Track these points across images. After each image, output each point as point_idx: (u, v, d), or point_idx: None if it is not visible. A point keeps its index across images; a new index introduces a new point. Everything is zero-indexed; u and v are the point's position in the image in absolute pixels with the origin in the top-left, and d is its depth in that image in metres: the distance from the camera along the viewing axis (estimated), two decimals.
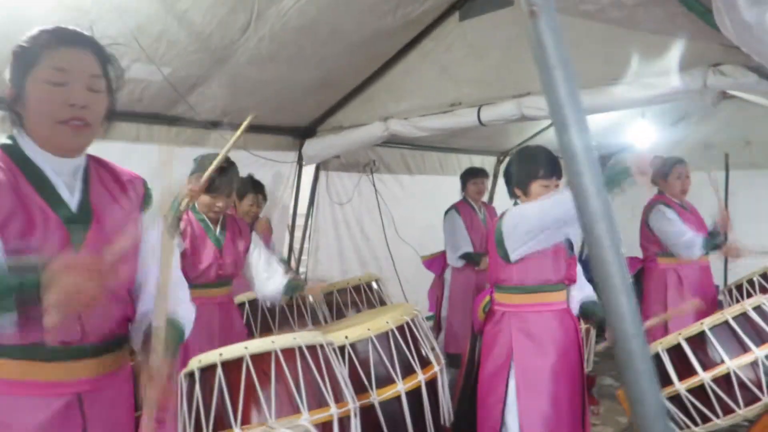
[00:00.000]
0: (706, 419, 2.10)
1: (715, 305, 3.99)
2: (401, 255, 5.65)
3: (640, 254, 4.22)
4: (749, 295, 3.78)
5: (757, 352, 2.07)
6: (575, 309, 2.75)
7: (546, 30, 0.82)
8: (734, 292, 3.89)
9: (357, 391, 2.56)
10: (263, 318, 3.63)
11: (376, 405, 2.55)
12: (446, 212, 4.90)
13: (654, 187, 4.19)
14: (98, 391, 1.42)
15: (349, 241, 5.50)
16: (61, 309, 1.15)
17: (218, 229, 2.96)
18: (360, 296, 4.08)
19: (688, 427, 2.13)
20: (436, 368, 2.71)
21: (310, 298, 3.15)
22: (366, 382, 2.56)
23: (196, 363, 2.18)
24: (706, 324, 2.12)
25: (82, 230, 1.40)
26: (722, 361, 2.06)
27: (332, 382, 2.21)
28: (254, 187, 4.26)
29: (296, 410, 2.08)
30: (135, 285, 1.54)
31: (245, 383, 2.09)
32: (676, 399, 2.14)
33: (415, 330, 2.71)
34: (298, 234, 5.23)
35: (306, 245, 5.29)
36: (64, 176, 1.43)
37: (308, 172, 5.14)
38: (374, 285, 4.18)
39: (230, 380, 2.11)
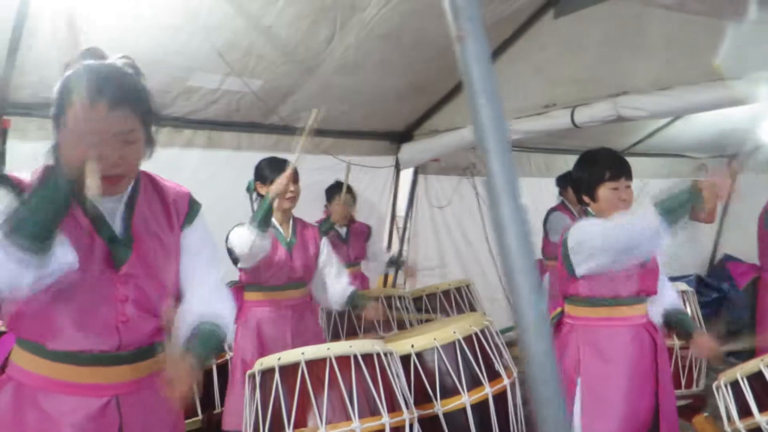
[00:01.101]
0: None
1: None
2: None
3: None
4: None
5: None
6: (658, 319, 2.58)
7: (472, 55, 0.79)
8: None
9: (421, 401, 2.56)
10: (350, 321, 3.70)
11: (440, 416, 2.53)
12: (547, 215, 4.73)
13: None
14: (135, 393, 1.53)
15: (450, 245, 5.47)
16: None
17: (289, 234, 3.06)
18: (449, 301, 4.06)
19: None
20: (506, 381, 2.63)
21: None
22: (430, 392, 2.54)
23: (258, 366, 2.28)
24: (765, 362, 1.88)
25: (124, 252, 1.49)
26: None
27: (387, 391, 2.22)
28: (339, 188, 4.36)
29: (347, 417, 2.12)
30: (179, 292, 1.63)
31: (299, 388, 2.15)
32: (756, 431, 1.92)
33: (483, 341, 2.65)
34: (396, 238, 5.27)
35: (405, 249, 5.32)
36: (107, 203, 1.50)
37: (406, 176, 5.17)
38: (465, 290, 4.14)
39: (287, 384, 2.18)
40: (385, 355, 2.30)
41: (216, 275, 1.67)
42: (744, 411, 1.94)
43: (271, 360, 2.23)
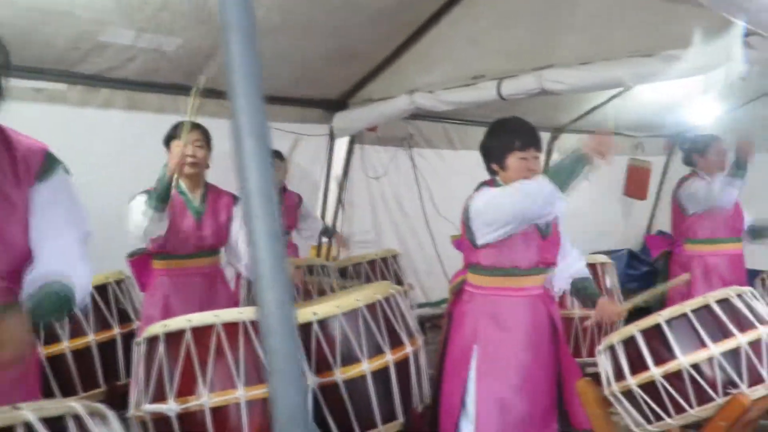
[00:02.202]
0: (658, 417, 1.92)
1: None
2: (442, 231, 5.53)
3: None
4: None
5: (713, 349, 1.86)
6: (564, 286, 2.60)
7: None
8: (767, 281, 3.56)
9: (323, 369, 2.54)
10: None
11: (340, 384, 2.51)
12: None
13: None
14: None
15: (386, 217, 5.44)
16: None
17: (198, 201, 2.98)
18: (375, 272, 4.05)
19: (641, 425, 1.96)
20: (409, 349, 2.63)
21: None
22: (331, 360, 2.52)
23: (144, 334, 2.22)
24: (663, 316, 1.93)
25: None
26: (675, 357, 1.88)
27: None
28: (273, 154, 4.28)
29: (233, 386, 2.08)
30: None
31: (184, 357, 2.11)
32: (628, 394, 1.97)
33: (388, 309, 2.63)
34: (330, 208, 5.21)
35: (340, 219, 5.27)
36: None
37: (342, 146, 5.10)
38: (391, 261, 4.13)
39: (172, 352, 2.13)
40: None
41: (74, 236, 1.59)
42: (620, 374, 1.97)
43: (157, 328, 2.17)
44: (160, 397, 2.08)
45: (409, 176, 5.41)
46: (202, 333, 2.13)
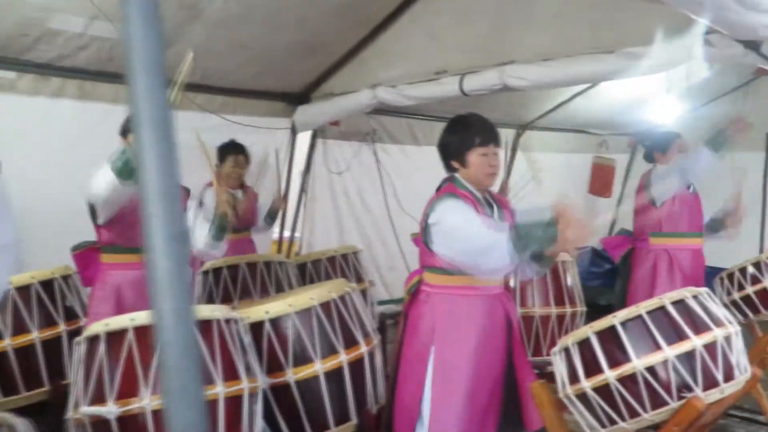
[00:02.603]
0: (612, 421, 1.89)
1: None
2: (404, 227, 5.49)
3: None
4: (740, 286, 3.49)
5: (668, 352, 1.84)
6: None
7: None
8: (725, 281, 3.59)
9: (275, 369, 2.48)
10: (225, 287, 3.57)
11: (292, 384, 2.46)
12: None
13: None
14: None
15: (349, 212, 5.38)
16: None
17: None
18: (335, 268, 3.98)
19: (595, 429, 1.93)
20: (364, 349, 2.58)
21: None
22: (282, 360, 2.46)
23: (85, 333, 2.13)
24: (618, 318, 1.91)
25: None
26: (630, 359, 1.85)
27: (225, 359, 2.12)
28: (233, 147, 4.19)
29: None
30: None
31: (126, 357, 2.03)
32: (582, 397, 1.94)
33: (342, 308, 2.58)
34: (293, 203, 5.12)
35: (301, 214, 5.20)
36: None
37: (304, 140, 5.02)
38: (352, 258, 4.07)
39: (113, 352, 2.05)
40: (227, 321, 2.19)
41: None
42: (574, 377, 1.94)
43: (98, 327, 2.09)
44: (99, 399, 2.00)
45: (372, 172, 5.36)
46: (145, 332, 2.05)
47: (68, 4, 3.05)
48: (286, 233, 5.26)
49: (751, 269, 3.50)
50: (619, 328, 1.88)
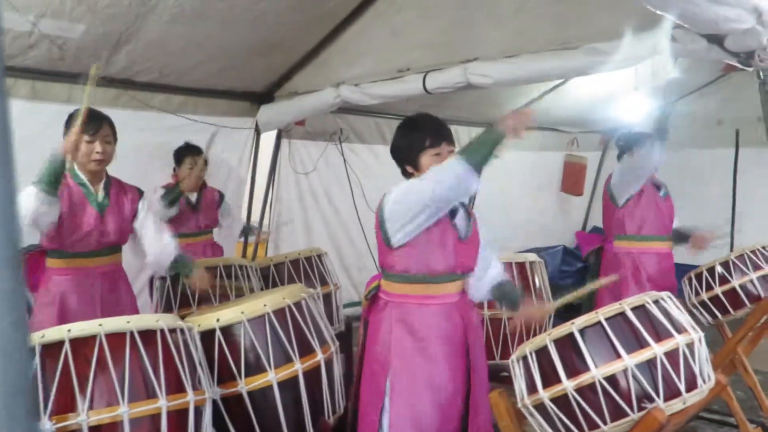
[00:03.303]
0: None
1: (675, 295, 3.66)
2: (373, 227, 5.40)
3: None
4: (708, 286, 3.44)
5: (627, 361, 1.77)
6: (485, 293, 2.49)
7: None
8: (694, 281, 3.54)
9: (227, 379, 2.38)
10: (183, 293, 3.45)
11: (244, 395, 2.35)
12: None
13: None
14: None
15: (316, 212, 5.29)
16: None
17: (100, 194, 2.78)
18: (298, 271, 3.88)
19: None
20: (320, 357, 2.49)
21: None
22: (234, 370, 2.36)
23: (38, 338, 2.01)
24: (577, 325, 1.83)
25: None
26: (588, 368, 1.77)
27: (169, 371, 2.01)
28: (190, 149, 4.08)
29: (117, 402, 1.90)
30: None
31: (62, 370, 1.91)
32: (541, 408, 1.86)
33: (297, 314, 2.49)
34: (257, 205, 5.02)
35: (267, 216, 5.09)
36: None
37: (268, 140, 4.91)
38: (316, 260, 3.96)
39: (49, 366, 1.93)
40: (172, 331, 2.08)
41: None
42: (532, 386, 1.87)
43: (34, 338, 1.97)
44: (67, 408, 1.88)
45: (339, 171, 5.27)
46: (83, 344, 1.94)
47: (12, 1, 2.91)
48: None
49: (719, 269, 3.43)
50: (578, 336, 1.80)
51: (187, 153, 4.03)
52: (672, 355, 1.79)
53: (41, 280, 2.75)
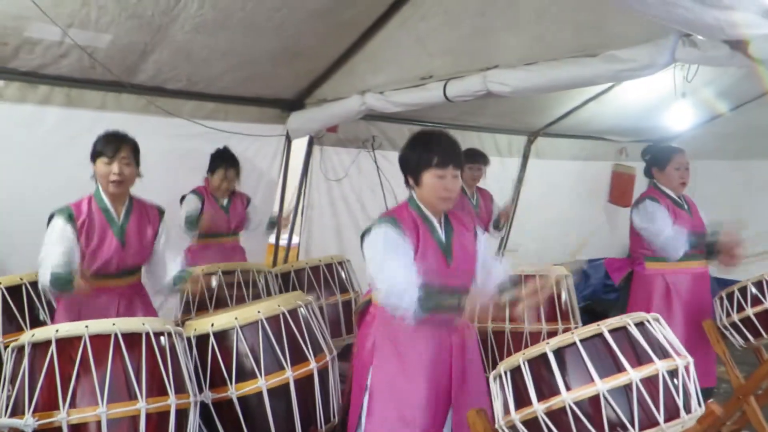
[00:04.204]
0: None
1: (709, 316, 3.48)
2: None
3: None
4: (740, 307, 3.24)
5: (600, 386, 1.67)
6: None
7: None
8: (725, 300, 3.33)
9: (219, 383, 2.42)
10: (201, 297, 3.52)
11: (235, 399, 2.39)
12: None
13: None
14: None
15: (348, 219, 5.29)
16: None
17: (122, 218, 2.81)
18: (318, 278, 3.90)
19: None
20: (313, 365, 2.49)
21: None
22: (225, 375, 2.40)
23: (13, 343, 2.10)
24: (551, 345, 1.74)
25: None
26: (559, 392, 1.68)
27: (151, 373, 2.06)
28: (224, 160, 4.17)
29: (96, 402, 1.95)
30: None
31: (47, 369, 1.98)
32: (514, 430, 1.78)
33: (292, 322, 2.50)
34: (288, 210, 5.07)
35: (299, 222, 5.14)
36: None
37: (300, 147, 4.97)
38: (336, 267, 3.97)
39: (37, 364, 2.02)
40: (158, 335, 2.13)
41: None
42: (507, 407, 1.80)
43: (24, 337, 2.05)
44: (19, 410, 1.96)
45: (371, 178, 5.26)
46: (68, 344, 2.01)
47: (37, 12, 3.04)
48: (283, 241, 5.22)
49: (752, 289, 3.22)
50: (551, 356, 1.72)
51: (221, 163, 4.12)
52: (651, 382, 1.68)
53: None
